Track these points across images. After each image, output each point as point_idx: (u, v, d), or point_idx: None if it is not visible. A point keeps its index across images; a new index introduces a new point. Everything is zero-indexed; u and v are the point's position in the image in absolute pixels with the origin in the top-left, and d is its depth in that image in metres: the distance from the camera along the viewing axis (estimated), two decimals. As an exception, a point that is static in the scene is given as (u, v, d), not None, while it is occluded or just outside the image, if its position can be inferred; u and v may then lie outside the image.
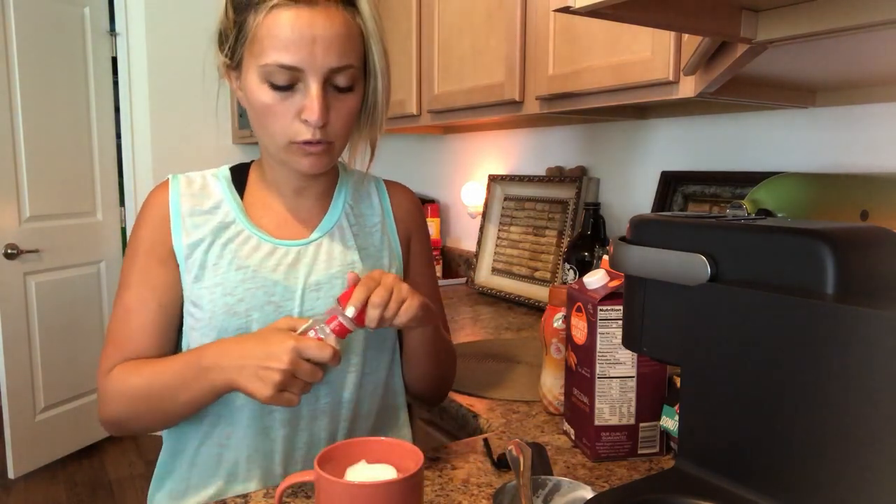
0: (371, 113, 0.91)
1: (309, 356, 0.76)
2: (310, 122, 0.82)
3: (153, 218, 0.90)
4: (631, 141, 1.73)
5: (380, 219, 1.00)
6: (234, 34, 0.83)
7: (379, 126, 0.92)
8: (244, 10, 0.82)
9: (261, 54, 0.81)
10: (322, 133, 0.84)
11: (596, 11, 0.66)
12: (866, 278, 0.52)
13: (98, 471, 2.92)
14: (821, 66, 1.00)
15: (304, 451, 0.90)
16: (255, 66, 0.82)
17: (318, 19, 0.80)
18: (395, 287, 0.81)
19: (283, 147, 0.86)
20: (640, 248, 0.64)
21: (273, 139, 0.85)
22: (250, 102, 0.85)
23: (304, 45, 0.79)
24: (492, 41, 1.55)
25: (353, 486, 0.63)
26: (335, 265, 0.92)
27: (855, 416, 0.49)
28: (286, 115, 0.83)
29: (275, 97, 0.82)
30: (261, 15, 0.80)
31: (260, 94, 0.83)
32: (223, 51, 0.86)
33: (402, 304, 0.80)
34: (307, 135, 0.83)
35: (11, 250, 2.62)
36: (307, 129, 0.83)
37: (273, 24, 0.80)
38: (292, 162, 0.87)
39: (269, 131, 0.85)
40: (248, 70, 0.83)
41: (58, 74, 2.77)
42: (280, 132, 0.84)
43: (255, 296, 0.87)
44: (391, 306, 0.80)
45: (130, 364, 0.86)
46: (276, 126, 0.84)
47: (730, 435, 0.58)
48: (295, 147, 0.85)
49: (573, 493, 0.69)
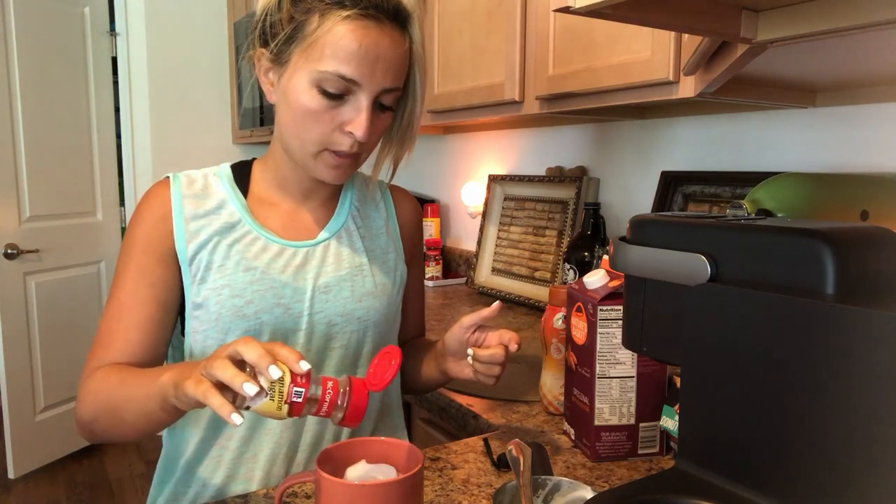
0: (402, 133, 0.91)
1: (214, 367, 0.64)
2: (356, 136, 0.82)
3: (152, 215, 0.87)
4: (631, 141, 1.73)
5: (384, 221, 1.00)
6: (287, 31, 0.81)
7: (407, 145, 0.92)
8: (307, 10, 0.80)
9: (320, 60, 0.80)
10: (358, 146, 0.85)
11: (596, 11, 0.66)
12: (866, 278, 0.52)
13: (98, 471, 2.92)
14: (821, 66, 1.00)
15: (306, 452, 0.90)
16: (308, 69, 0.81)
17: (384, 39, 0.81)
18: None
19: (313, 153, 0.85)
20: (640, 248, 0.64)
21: (304, 144, 0.85)
22: (291, 103, 0.83)
23: (368, 62, 0.80)
24: (492, 41, 1.55)
25: (353, 486, 0.63)
26: (344, 267, 0.92)
27: (855, 415, 0.49)
28: (329, 124, 0.83)
29: (323, 104, 0.81)
30: (329, 22, 0.79)
31: (307, 97, 0.82)
32: (267, 44, 0.84)
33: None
34: (345, 146, 0.84)
35: (11, 250, 2.62)
36: (346, 142, 0.84)
37: (342, 35, 0.79)
38: (317, 169, 0.87)
39: (303, 135, 0.84)
40: (298, 71, 0.82)
41: (58, 74, 2.77)
42: (316, 139, 0.84)
43: (265, 298, 0.86)
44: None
45: (107, 369, 0.83)
46: (314, 132, 0.83)
47: (730, 435, 0.58)
48: (327, 155, 0.85)
49: (573, 493, 0.69)
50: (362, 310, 0.92)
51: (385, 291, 0.95)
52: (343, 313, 0.90)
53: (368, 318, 0.92)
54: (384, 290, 0.95)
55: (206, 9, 3.05)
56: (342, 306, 0.90)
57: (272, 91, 0.87)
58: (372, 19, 0.80)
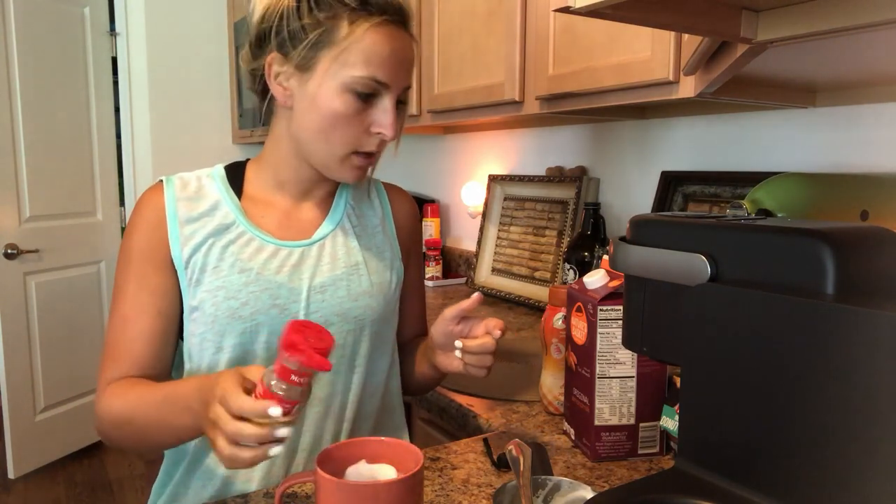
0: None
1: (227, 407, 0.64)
2: (386, 135, 0.86)
3: (148, 223, 0.87)
4: (631, 141, 1.73)
5: (380, 220, 1.00)
6: (313, 38, 0.82)
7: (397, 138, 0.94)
8: (334, 17, 0.82)
9: (355, 65, 0.82)
10: (381, 145, 0.89)
11: (596, 11, 0.66)
12: (866, 278, 0.52)
13: (98, 471, 2.92)
14: (821, 66, 1.00)
15: (306, 452, 0.90)
16: (340, 74, 0.82)
17: (406, 42, 0.86)
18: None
19: (341, 156, 0.87)
20: (640, 248, 0.64)
21: (333, 147, 0.86)
22: (321, 108, 0.84)
23: (396, 64, 0.84)
24: (492, 41, 1.55)
25: (353, 486, 0.63)
26: (340, 266, 0.92)
27: (855, 415, 0.49)
28: (359, 126, 0.85)
29: (355, 108, 0.84)
30: (360, 29, 0.82)
31: (338, 102, 0.83)
32: (285, 49, 0.84)
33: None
34: (372, 147, 0.87)
35: (11, 250, 2.62)
36: (373, 142, 0.87)
37: (376, 41, 0.82)
38: (342, 171, 0.88)
39: (332, 139, 0.85)
40: (327, 76, 0.83)
41: (58, 74, 2.77)
42: (347, 141, 0.85)
43: (260, 299, 0.86)
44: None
45: (123, 384, 0.83)
46: (345, 135, 0.85)
47: (730, 435, 0.58)
48: (354, 157, 0.87)
49: (573, 493, 0.69)
50: (359, 309, 0.92)
51: (381, 290, 0.95)
52: (339, 313, 0.90)
53: (365, 317, 0.92)
54: (380, 289, 0.95)
55: (206, 9, 3.05)
56: (338, 306, 0.90)
57: (288, 96, 0.87)
58: (396, 25, 0.84)
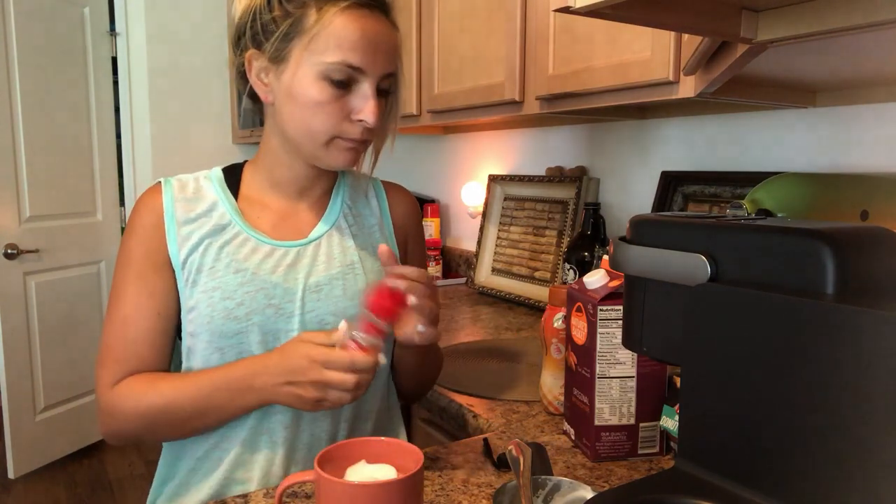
0: (387, 121, 0.94)
1: (334, 366, 0.76)
2: (367, 122, 0.85)
3: (147, 224, 0.88)
4: (631, 141, 1.73)
5: (377, 219, 1.00)
6: (283, 28, 0.83)
7: (391, 131, 0.96)
8: (302, 5, 0.83)
9: (325, 52, 0.82)
10: (367, 133, 0.88)
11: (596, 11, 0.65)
12: (866, 278, 0.52)
13: (98, 471, 2.92)
14: (821, 66, 1.00)
15: (304, 451, 0.90)
16: (313, 62, 0.83)
17: (380, 27, 0.86)
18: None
19: (324, 142, 0.87)
20: (640, 248, 0.64)
21: (315, 135, 0.86)
22: (297, 98, 0.85)
23: (370, 49, 0.84)
24: (492, 41, 1.55)
25: (353, 486, 0.63)
26: (335, 266, 0.92)
27: (855, 415, 0.48)
28: (338, 114, 0.85)
29: (331, 95, 0.84)
30: (328, 14, 0.82)
31: (314, 90, 0.84)
32: (260, 45, 0.85)
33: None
34: (356, 134, 0.87)
35: (11, 250, 2.62)
36: (356, 130, 0.87)
37: (344, 25, 0.82)
38: (329, 157, 0.88)
39: (312, 126, 0.86)
40: (301, 66, 0.84)
41: (58, 74, 2.77)
42: (327, 129, 0.86)
43: (255, 299, 0.86)
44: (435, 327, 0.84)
45: (143, 379, 0.85)
46: (325, 123, 0.85)
47: (730, 435, 0.58)
48: (338, 142, 0.87)
49: (573, 493, 0.69)
50: (355, 308, 0.91)
51: None
52: (335, 312, 0.90)
53: None
54: None
55: (205, 9, 3.05)
56: (334, 305, 0.90)
57: (268, 91, 0.88)
58: (366, 8, 0.84)
